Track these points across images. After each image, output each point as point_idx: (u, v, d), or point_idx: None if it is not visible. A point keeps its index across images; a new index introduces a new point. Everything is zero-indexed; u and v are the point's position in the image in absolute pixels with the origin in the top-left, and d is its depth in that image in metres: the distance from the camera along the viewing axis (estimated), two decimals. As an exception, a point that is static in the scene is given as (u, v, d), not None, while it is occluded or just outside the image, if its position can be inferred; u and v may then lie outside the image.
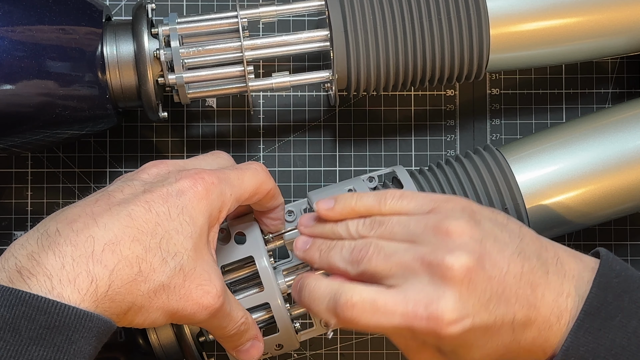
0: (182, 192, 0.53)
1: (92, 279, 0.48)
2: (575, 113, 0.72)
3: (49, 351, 0.45)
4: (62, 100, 0.60)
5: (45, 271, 0.47)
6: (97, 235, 0.49)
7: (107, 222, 0.50)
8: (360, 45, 0.62)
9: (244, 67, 0.63)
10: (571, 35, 0.64)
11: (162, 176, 0.54)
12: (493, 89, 0.72)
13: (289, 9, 0.64)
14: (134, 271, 0.50)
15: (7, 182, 0.70)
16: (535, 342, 0.51)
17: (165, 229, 0.51)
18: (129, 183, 0.53)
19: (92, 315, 0.47)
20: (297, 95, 0.72)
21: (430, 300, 0.49)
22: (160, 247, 0.51)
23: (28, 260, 0.47)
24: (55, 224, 0.50)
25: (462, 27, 0.62)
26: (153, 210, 0.51)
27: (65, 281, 0.47)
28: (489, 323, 0.50)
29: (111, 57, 0.61)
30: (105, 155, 0.71)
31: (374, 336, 0.71)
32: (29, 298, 0.45)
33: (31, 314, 0.45)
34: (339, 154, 0.71)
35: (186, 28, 0.63)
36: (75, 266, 0.47)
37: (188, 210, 0.52)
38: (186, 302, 0.52)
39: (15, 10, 0.59)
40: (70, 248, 0.48)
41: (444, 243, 0.51)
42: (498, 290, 0.50)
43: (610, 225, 0.71)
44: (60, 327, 0.46)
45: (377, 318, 0.50)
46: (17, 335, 0.45)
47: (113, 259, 0.49)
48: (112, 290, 0.49)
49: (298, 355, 0.71)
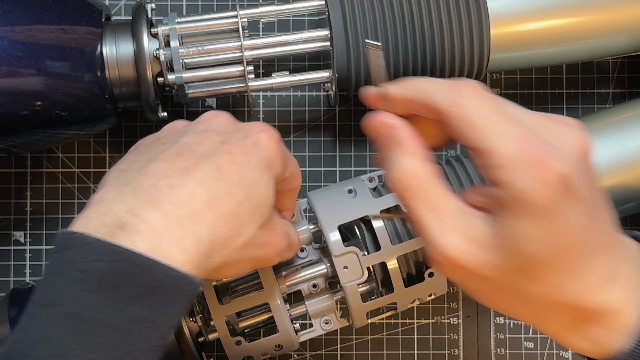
0: (259, 143, 0.52)
1: (197, 239, 0.47)
2: (575, 113, 0.72)
3: (147, 311, 0.44)
4: (62, 100, 0.60)
5: (151, 228, 0.46)
6: (196, 193, 0.48)
7: (201, 177, 0.48)
8: (360, 45, 0.62)
9: (244, 67, 0.62)
10: (572, 35, 0.64)
11: (231, 127, 0.53)
12: (494, 89, 0.72)
13: (289, 9, 0.64)
14: (229, 226, 0.49)
15: (6, 182, 0.70)
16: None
17: (250, 179, 0.50)
18: (204, 135, 0.52)
19: (190, 278, 0.46)
20: (297, 95, 0.71)
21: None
22: (249, 199, 0.50)
23: (130, 216, 0.46)
24: (146, 178, 0.48)
25: (462, 27, 0.62)
26: (237, 161, 0.50)
27: (173, 241, 0.46)
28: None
29: (111, 56, 0.61)
30: (105, 156, 0.71)
31: (374, 337, 0.70)
32: (132, 256, 0.44)
33: (133, 271, 0.44)
34: (339, 154, 0.71)
35: (186, 28, 0.62)
36: (180, 226, 0.46)
37: (265, 160, 0.52)
38: (267, 249, 0.53)
39: (14, 9, 0.59)
40: (173, 207, 0.47)
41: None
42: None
43: (611, 226, 0.71)
44: (160, 287, 0.45)
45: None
46: (116, 292, 0.44)
47: (212, 216, 0.48)
48: (212, 248, 0.48)
49: (298, 356, 0.70)
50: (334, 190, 0.62)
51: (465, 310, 0.71)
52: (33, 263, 0.70)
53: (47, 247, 0.70)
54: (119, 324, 0.44)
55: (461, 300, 0.71)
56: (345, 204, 0.60)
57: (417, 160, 0.48)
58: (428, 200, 0.48)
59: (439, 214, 0.47)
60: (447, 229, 0.47)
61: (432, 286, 0.61)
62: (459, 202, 0.48)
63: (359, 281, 0.59)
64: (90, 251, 0.44)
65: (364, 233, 0.61)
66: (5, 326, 0.58)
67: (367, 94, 0.51)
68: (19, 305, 0.60)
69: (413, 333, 0.71)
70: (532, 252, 0.45)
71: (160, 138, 0.53)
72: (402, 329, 0.71)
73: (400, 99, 0.50)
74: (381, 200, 0.60)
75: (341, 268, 0.59)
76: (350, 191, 0.61)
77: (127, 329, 0.44)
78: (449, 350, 0.71)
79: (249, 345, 0.60)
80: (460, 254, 0.46)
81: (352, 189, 0.61)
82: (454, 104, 0.47)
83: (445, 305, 0.71)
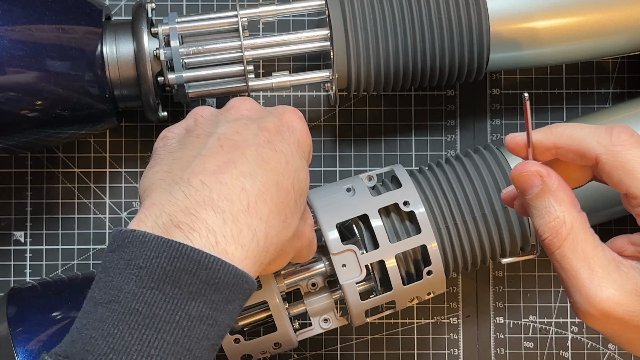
0: (293, 128, 0.52)
1: (253, 233, 0.46)
2: (575, 113, 0.72)
3: (207, 308, 0.44)
4: (62, 99, 0.60)
5: (207, 226, 0.45)
6: (246, 186, 0.47)
7: (248, 169, 0.48)
8: (360, 45, 0.62)
9: (244, 67, 0.62)
10: (572, 34, 0.64)
11: (261, 111, 0.53)
12: (493, 89, 0.72)
13: (289, 9, 0.64)
14: (282, 218, 0.49)
15: (6, 182, 0.70)
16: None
17: (293, 167, 0.50)
18: (239, 123, 0.51)
19: (247, 277, 0.46)
20: (297, 95, 0.72)
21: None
22: (294, 188, 0.50)
23: (185, 215, 0.45)
24: (194, 176, 0.47)
25: (462, 26, 0.62)
26: (278, 149, 0.50)
27: (229, 237, 0.45)
28: None
29: (111, 56, 0.61)
30: (105, 156, 0.71)
31: (374, 336, 0.70)
32: (192, 252, 0.44)
33: (193, 268, 0.44)
34: (339, 154, 0.71)
35: (186, 27, 0.63)
36: (236, 222, 0.46)
37: (301, 144, 0.52)
38: (303, 239, 0.53)
39: (14, 9, 0.59)
40: (227, 203, 0.46)
41: None
42: None
43: (611, 226, 0.71)
44: (220, 284, 0.44)
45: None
46: (176, 289, 0.44)
47: (265, 209, 0.48)
48: (268, 241, 0.48)
49: (298, 356, 0.70)
50: (333, 188, 0.62)
51: (465, 310, 0.71)
52: (33, 263, 0.70)
53: (47, 247, 0.70)
54: (179, 320, 0.43)
55: (461, 300, 0.71)
56: (343, 202, 0.60)
57: (569, 208, 0.48)
58: (579, 249, 0.48)
59: (591, 264, 0.47)
60: (600, 279, 0.47)
61: (430, 285, 0.61)
62: (609, 251, 0.48)
63: (358, 279, 0.59)
64: (150, 248, 0.44)
65: (363, 231, 0.61)
66: (3, 325, 0.58)
67: (512, 141, 0.51)
68: (18, 305, 0.60)
69: (413, 333, 0.71)
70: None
71: (190, 129, 0.52)
72: (402, 328, 0.71)
73: (546, 146, 0.50)
74: (380, 199, 0.60)
75: (339, 266, 0.59)
76: (349, 190, 0.61)
77: (188, 325, 0.44)
78: (448, 350, 0.70)
79: (247, 343, 0.60)
80: (615, 305, 0.46)
81: (351, 188, 0.61)
82: (610, 152, 0.47)
83: (445, 305, 0.71)
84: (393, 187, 0.62)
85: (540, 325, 0.71)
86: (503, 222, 0.61)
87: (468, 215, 0.61)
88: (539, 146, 0.50)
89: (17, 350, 0.57)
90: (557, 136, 0.49)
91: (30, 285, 0.62)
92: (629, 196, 0.47)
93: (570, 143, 0.49)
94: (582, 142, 0.48)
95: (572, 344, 0.71)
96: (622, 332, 0.48)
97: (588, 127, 0.49)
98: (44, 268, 0.70)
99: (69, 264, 0.70)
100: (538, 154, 0.50)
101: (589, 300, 0.47)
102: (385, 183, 0.63)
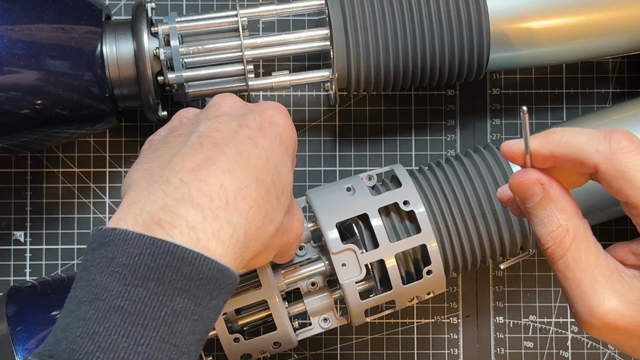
0: (274, 122, 0.52)
1: (233, 229, 0.46)
2: (575, 113, 0.72)
3: (191, 304, 0.44)
4: (62, 99, 0.60)
5: (188, 223, 0.45)
6: (225, 183, 0.47)
7: (229, 166, 0.48)
8: (360, 45, 0.62)
9: (244, 66, 0.62)
10: (572, 34, 0.64)
11: (243, 107, 0.53)
12: (493, 88, 0.72)
13: (289, 8, 0.64)
14: (262, 214, 0.49)
15: (6, 182, 0.70)
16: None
17: (273, 163, 0.50)
18: (219, 120, 0.51)
19: (230, 272, 0.46)
20: (297, 95, 0.72)
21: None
22: (274, 184, 0.50)
23: (165, 212, 0.45)
24: (173, 174, 0.47)
25: (462, 26, 0.62)
26: (259, 145, 0.50)
27: (210, 234, 0.45)
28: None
29: (111, 56, 0.61)
30: (105, 155, 0.71)
31: (374, 336, 0.70)
32: (175, 249, 0.44)
33: (176, 264, 0.44)
34: (339, 154, 0.71)
35: (186, 27, 0.63)
36: (216, 218, 0.46)
37: (284, 140, 0.52)
38: (289, 234, 0.53)
39: (14, 8, 0.59)
40: (207, 200, 0.46)
41: None
42: None
43: (611, 226, 0.71)
44: (203, 280, 0.44)
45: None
46: (160, 285, 0.44)
47: (245, 205, 0.47)
48: (248, 237, 0.48)
49: (298, 355, 0.70)
50: (333, 188, 0.62)
51: (465, 309, 0.71)
52: (33, 263, 0.70)
53: (47, 246, 0.70)
54: (164, 316, 0.44)
55: (461, 299, 0.71)
56: (343, 201, 0.60)
57: (571, 216, 0.48)
58: (583, 258, 0.47)
59: (594, 273, 0.47)
60: (603, 290, 0.46)
61: (430, 284, 0.61)
62: (612, 260, 0.48)
63: (357, 278, 0.59)
64: (132, 246, 0.44)
65: (362, 231, 0.61)
66: (3, 324, 0.58)
67: (508, 150, 0.50)
68: (17, 303, 0.60)
69: (413, 333, 0.71)
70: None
71: (173, 130, 0.53)
72: (401, 328, 0.71)
73: (544, 155, 0.49)
74: (380, 198, 0.60)
75: (339, 265, 0.59)
76: (349, 189, 0.61)
77: (173, 321, 0.44)
78: (448, 350, 0.70)
79: (247, 342, 0.60)
80: (618, 317, 0.46)
81: (351, 187, 0.61)
82: (609, 161, 0.46)
83: (445, 305, 0.71)
84: (393, 186, 0.62)
85: (540, 325, 0.71)
86: (503, 222, 0.61)
87: (468, 215, 0.61)
88: (536, 155, 0.49)
89: (17, 349, 0.57)
90: (554, 145, 0.48)
91: (30, 284, 0.62)
92: (629, 205, 0.47)
93: (568, 152, 0.48)
94: (580, 150, 0.47)
95: (572, 343, 0.71)
96: (625, 341, 0.48)
97: (586, 133, 0.48)
98: (44, 268, 0.70)
99: (69, 264, 0.70)
100: (535, 162, 0.49)
101: (592, 311, 0.46)
102: (385, 183, 0.63)
